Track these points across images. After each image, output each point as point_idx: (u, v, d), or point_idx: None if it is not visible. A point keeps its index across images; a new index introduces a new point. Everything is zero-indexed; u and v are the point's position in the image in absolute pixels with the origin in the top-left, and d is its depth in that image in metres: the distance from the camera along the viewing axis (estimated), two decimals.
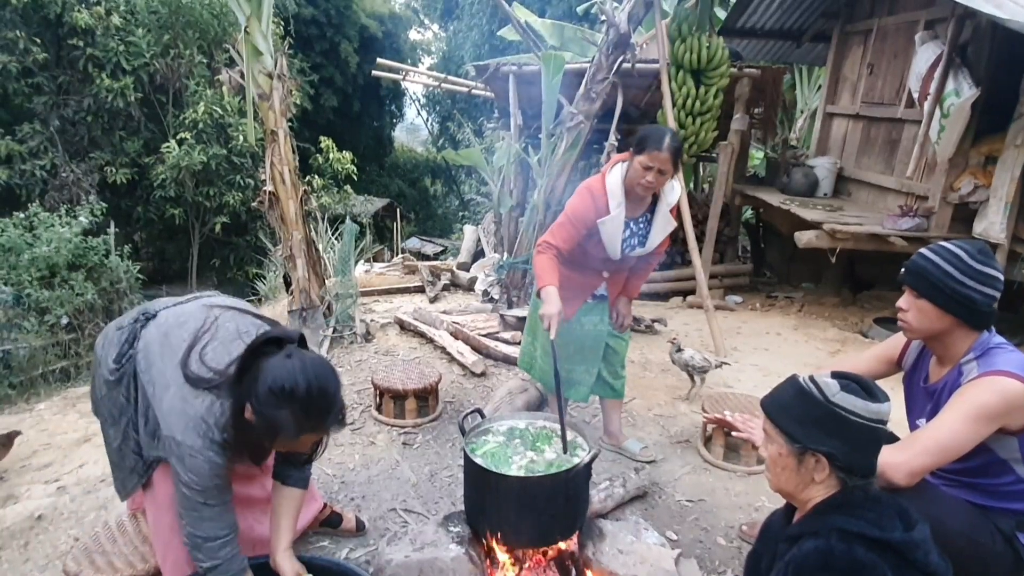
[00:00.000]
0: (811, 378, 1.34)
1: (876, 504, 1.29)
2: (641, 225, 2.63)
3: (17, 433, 3.22)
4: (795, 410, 1.33)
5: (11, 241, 6.20)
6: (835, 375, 1.34)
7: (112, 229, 7.42)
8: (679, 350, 3.72)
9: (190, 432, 1.50)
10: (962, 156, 4.68)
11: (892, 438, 1.86)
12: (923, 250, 1.68)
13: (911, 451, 1.59)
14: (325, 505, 2.37)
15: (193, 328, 1.65)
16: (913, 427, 1.84)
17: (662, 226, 2.63)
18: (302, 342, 1.61)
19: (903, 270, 1.70)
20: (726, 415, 2.05)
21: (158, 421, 1.58)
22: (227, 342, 1.62)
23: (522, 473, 1.95)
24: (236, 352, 1.55)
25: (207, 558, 1.55)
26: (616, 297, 2.84)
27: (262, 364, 1.48)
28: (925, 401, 1.79)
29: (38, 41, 9.22)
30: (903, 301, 1.71)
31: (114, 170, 9.90)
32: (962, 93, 4.36)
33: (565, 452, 2.06)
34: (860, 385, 1.31)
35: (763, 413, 1.40)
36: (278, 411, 1.42)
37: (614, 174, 2.52)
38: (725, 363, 3.93)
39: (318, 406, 1.46)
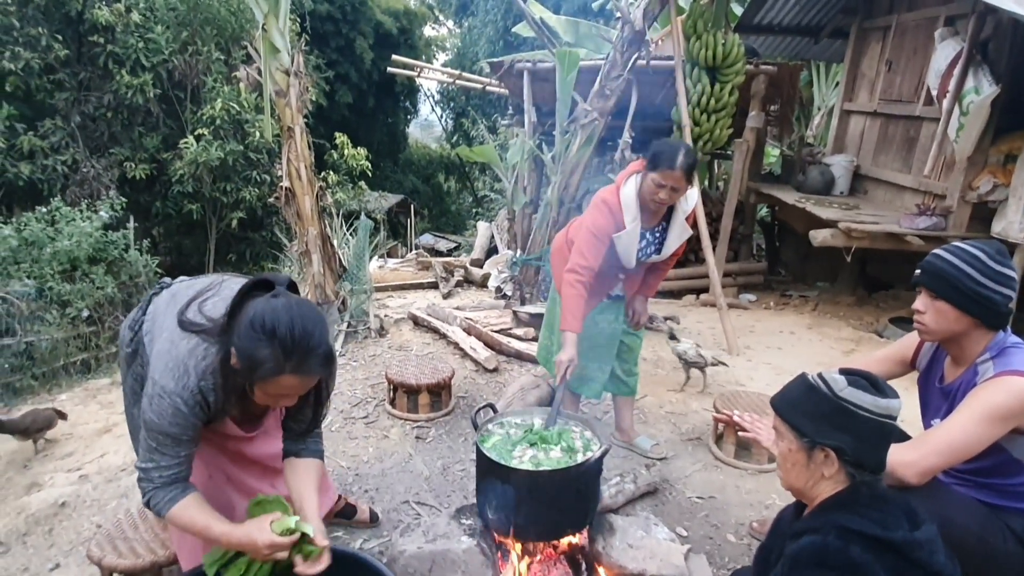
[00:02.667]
0: (819, 375, 1.35)
1: (882, 503, 1.29)
2: (657, 234, 2.64)
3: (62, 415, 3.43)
4: (804, 405, 1.35)
5: (34, 235, 6.31)
6: (844, 372, 1.35)
7: (131, 224, 7.50)
8: (673, 338, 3.74)
9: (167, 374, 1.49)
10: (981, 154, 4.62)
11: (902, 435, 1.86)
12: (939, 251, 1.67)
13: (923, 450, 1.59)
14: (340, 497, 2.42)
15: (200, 287, 1.69)
16: (927, 427, 1.83)
17: (678, 234, 2.63)
18: (293, 287, 1.60)
19: (919, 271, 1.69)
20: (734, 415, 2.06)
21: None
22: (227, 298, 1.59)
23: (530, 466, 1.97)
24: (217, 312, 1.56)
25: (143, 494, 1.55)
26: (633, 296, 2.85)
27: (247, 305, 1.48)
28: (940, 401, 1.78)
29: (60, 38, 9.34)
30: (920, 303, 1.69)
31: (133, 165, 10.01)
32: (982, 91, 4.30)
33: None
34: (869, 381, 1.32)
35: (773, 411, 1.42)
36: (258, 345, 1.40)
37: (628, 187, 2.51)
38: (722, 363, 3.91)
39: (300, 345, 1.42)
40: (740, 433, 2.00)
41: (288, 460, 1.79)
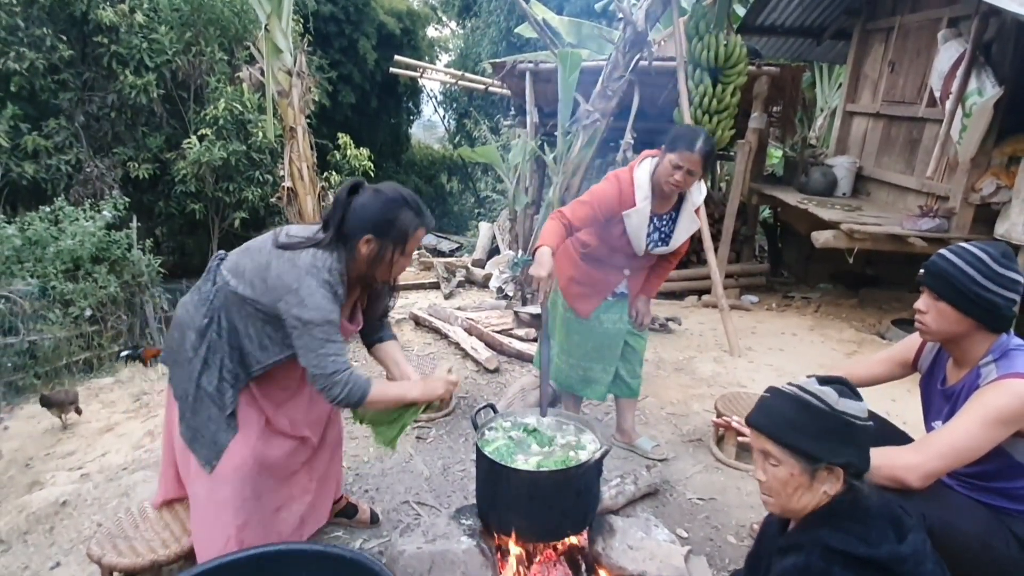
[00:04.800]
0: (803, 389, 1.29)
1: (866, 515, 1.25)
2: (665, 223, 2.63)
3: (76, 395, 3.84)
4: (804, 426, 1.26)
5: (37, 234, 6.33)
6: (822, 381, 1.29)
7: (134, 223, 7.52)
8: None
9: (304, 277, 1.71)
10: (984, 156, 4.61)
11: (905, 438, 1.85)
12: (944, 252, 1.65)
13: (926, 453, 1.58)
14: (341, 496, 2.42)
15: (264, 236, 1.90)
16: (929, 429, 1.82)
17: (686, 225, 2.62)
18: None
19: (923, 271, 1.68)
20: (733, 421, 2.04)
21: (266, 315, 1.79)
22: (302, 229, 1.86)
23: (531, 467, 1.97)
24: (312, 230, 1.82)
25: (339, 387, 1.76)
26: (636, 295, 2.84)
27: (356, 204, 1.80)
28: (942, 403, 1.77)
29: (64, 38, 9.37)
30: (922, 303, 1.68)
31: (137, 165, 10.04)
32: (985, 92, 4.29)
33: (543, 416, 2.20)
34: (845, 386, 1.29)
35: (766, 437, 1.30)
36: (398, 211, 1.79)
37: (643, 168, 2.52)
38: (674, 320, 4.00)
39: (418, 203, 1.84)
40: (739, 439, 1.99)
41: (376, 346, 2.15)
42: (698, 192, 2.59)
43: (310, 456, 2.12)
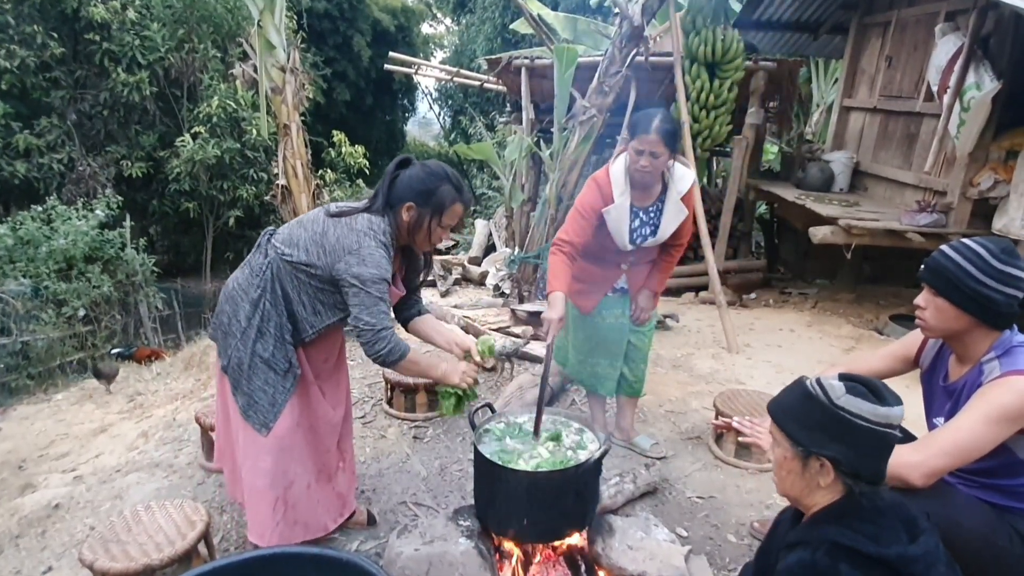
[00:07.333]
0: (818, 381, 1.31)
1: (878, 515, 1.24)
2: (652, 215, 2.60)
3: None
4: (799, 413, 1.30)
5: (29, 234, 6.28)
6: (844, 377, 1.30)
7: (128, 222, 7.48)
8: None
9: (363, 238, 1.85)
10: (982, 150, 4.59)
11: (908, 436, 1.83)
12: (944, 248, 1.64)
13: (929, 451, 1.56)
14: (355, 510, 2.40)
15: (317, 210, 2.00)
16: (931, 426, 1.80)
17: (673, 215, 2.59)
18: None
19: (923, 266, 1.67)
20: (734, 422, 2.02)
21: (320, 281, 1.91)
22: (346, 203, 2.01)
23: (529, 468, 1.95)
24: (358, 204, 1.97)
25: (384, 343, 1.87)
26: (638, 290, 2.81)
27: (403, 176, 1.95)
28: (944, 400, 1.75)
29: (55, 36, 9.30)
30: (921, 298, 1.67)
31: (130, 164, 9.99)
32: (983, 86, 4.27)
33: (536, 436, 2.11)
34: (869, 388, 1.27)
35: (770, 416, 1.38)
36: (439, 184, 1.92)
37: (618, 163, 2.52)
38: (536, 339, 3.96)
39: (459, 180, 1.98)
40: (740, 438, 1.96)
41: (414, 320, 2.24)
42: (682, 180, 2.55)
43: (339, 438, 2.24)
